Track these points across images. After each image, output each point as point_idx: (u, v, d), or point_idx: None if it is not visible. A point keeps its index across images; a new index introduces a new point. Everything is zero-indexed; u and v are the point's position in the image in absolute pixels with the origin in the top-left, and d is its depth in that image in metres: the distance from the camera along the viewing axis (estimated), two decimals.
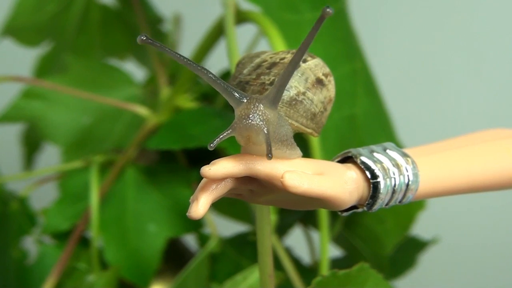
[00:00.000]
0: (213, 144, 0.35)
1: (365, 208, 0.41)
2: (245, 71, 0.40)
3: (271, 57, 0.40)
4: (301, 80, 0.38)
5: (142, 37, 0.35)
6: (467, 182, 0.43)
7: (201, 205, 0.36)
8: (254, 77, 0.39)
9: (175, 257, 0.78)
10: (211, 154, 0.69)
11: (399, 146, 0.48)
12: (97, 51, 0.87)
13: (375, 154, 0.41)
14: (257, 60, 0.40)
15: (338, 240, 0.72)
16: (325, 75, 0.40)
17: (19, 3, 0.81)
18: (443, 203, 0.67)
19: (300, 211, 0.71)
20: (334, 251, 0.74)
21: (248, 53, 0.42)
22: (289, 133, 0.38)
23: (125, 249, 0.71)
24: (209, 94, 0.79)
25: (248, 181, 0.38)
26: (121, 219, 0.72)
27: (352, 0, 0.69)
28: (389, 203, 0.41)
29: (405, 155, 0.41)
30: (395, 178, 0.40)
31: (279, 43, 0.58)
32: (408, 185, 0.40)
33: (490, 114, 1.10)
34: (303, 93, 0.38)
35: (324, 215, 0.59)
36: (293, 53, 0.39)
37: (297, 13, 0.62)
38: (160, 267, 0.73)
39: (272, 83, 0.38)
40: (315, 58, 0.40)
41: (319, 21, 0.35)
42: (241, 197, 0.39)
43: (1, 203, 0.76)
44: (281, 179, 0.36)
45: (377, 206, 0.40)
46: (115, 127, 0.78)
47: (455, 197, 0.48)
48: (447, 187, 0.42)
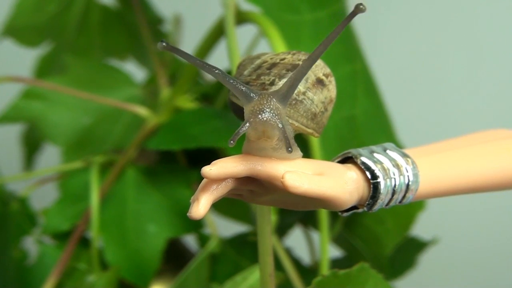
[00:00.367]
0: (233, 141, 0.35)
1: (365, 209, 0.41)
2: (245, 72, 0.40)
3: (271, 58, 0.40)
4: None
5: (163, 44, 0.35)
6: (467, 183, 0.43)
7: (201, 206, 0.36)
8: (254, 77, 0.39)
9: (175, 257, 0.78)
10: (211, 155, 0.69)
11: (399, 146, 0.48)
12: (97, 52, 0.87)
13: (375, 155, 0.41)
14: (258, 61, 0.40)
15: (338, 240, 0.72)
16: (326, 75, 0.40)
17: (19, 3, 0.81)
18: (443, 203, 0.67)
19: (300, 211, 0.71)
20: (334, 252, 0.74)
21: (249, 55, 0.43)
22: (290, 133, 0.38)
23: (125, 249, 0.71)
24: (209, 95, 0.79)
25: (249, 181, 0.38)
26: (121, 219, 0.72)
27: (352, 1, 0.69)
28: (389, 204, 0.41)
29: (405, 155, 0.41)
30: (395, 178, 0.40)
31: (279, 43, 0.58)
32: (408, 185, 0.41)
33: (490, 114, 1.10)
34: (303, 93, 0.38)
35: (324, 216, 0.59)
36: (294, 54, 0.40)
37: (297, 13, 0.62)
38: (160, 268, 0.73)
39: (272, 83, 0.38)
40: None
41: (350, 16, 0.34)
42: (241, 198, 0.40)
43: (1, 203, 0.76)
44: (281, 179, 0.36)
45: (377, 206, 0.40)
46: (115, 127, 0.78)
47: (455, 198, 0.48)
48: (447, 188, 0.42)
